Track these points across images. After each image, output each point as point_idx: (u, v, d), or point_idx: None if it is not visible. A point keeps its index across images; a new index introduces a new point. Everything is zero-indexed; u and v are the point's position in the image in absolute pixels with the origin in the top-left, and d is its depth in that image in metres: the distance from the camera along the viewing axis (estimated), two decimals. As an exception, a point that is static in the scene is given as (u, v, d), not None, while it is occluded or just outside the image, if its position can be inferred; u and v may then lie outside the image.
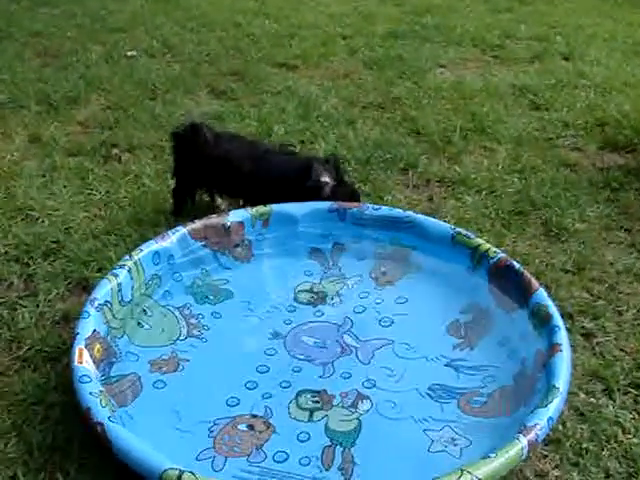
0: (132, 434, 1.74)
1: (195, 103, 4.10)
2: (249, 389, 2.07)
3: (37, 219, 2.97)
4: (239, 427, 1.95)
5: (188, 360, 2.17)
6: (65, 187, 3.23)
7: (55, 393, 2.11)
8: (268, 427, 1.95)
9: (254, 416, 1.98)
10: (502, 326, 2.25)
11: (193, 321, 2.32)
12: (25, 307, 2.47)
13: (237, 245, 2.57)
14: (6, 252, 2.75)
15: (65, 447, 1.94)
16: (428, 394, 2.04)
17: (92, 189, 3.22)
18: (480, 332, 2.25)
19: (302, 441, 1.91)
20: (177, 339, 2.25)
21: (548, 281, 2.52)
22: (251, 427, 1.95)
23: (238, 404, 2.02)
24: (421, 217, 2.61)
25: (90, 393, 1.83)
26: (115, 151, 3.57)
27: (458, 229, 2.51)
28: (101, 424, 1.74)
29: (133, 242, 2.71)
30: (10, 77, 4.46)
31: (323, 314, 2.37)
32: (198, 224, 2.53)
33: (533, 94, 4.25)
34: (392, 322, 2.32)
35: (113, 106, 4.09)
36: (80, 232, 2.88)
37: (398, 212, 2.63)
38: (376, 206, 2.66)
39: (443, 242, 2.49)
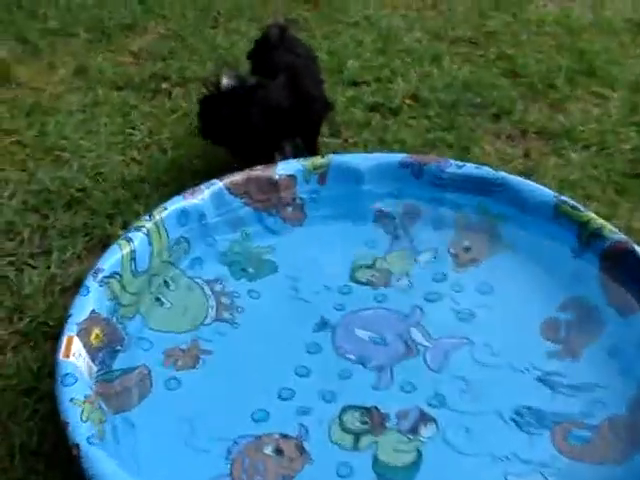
0: (113, 462, 1.33)
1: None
2: (282, 399, 1.63)
3: (66, 162, 2.58)
4: (265, 450, 1.51)
5: (211, 352, 1.74)
6: (105, 125, 2.83)
7: (49, 381, 1.71)
8: (301, 453, 1.50)
9: (285, 436, 1.54)
10: (615, 331, 1.72)
11: (225, 300, 1.87)
12: (35, 268, 2.10)
13: (287, 204, 2.10)
14: (25, 201, 2.39)
15: (50, 454, 1.57)
16: (514, 419, 1.55)
17: (134, 128, 2.80)
18: (585, 337, 1.73)
19: (342, 477, 1.46)
20: (202, 323, 1.82)
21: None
22: (280, 451, 1.50)
23: (267, 419, 1.58)
24: (516, 179, 2.06)
25: (71, 399, 1.43)
26: (165, 85, 3.13)
27: (563, 197, 1.97)
28: (77, 446, 1.33)
29: (169, 192, 2.29)
30: (66, 2, 4.04)
31: (386, 299, 1.88)
32: (238, 177, 2.07)
33: (655, 31, 3.60)
34: (473, 316, 1.82)
35: (171, 35, 3.65)
36: (111, 179, 2.49)
37: (487, 171, 2.09)
38: (460, 163, 2.13)
39: (543, 213, 1.95)
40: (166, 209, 1.93)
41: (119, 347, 1.70)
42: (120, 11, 3.89)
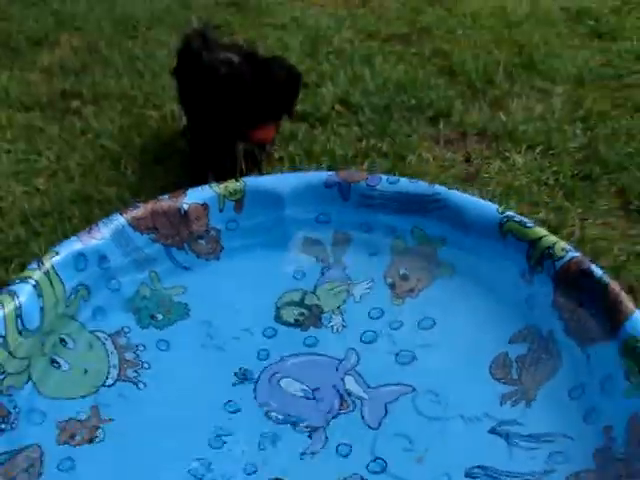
0: None
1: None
2: (193, 476, 1.38)
3: (-40, 196, 2.32)
4: None
5: (111, 420, 1.49)
6: (7, 152, 2.56)
7: None
8: None
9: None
10: (574, 367, 1.50)
11: (129, 355, 1.63)
12: None
13: (199, 237, 1.85)
14: None
15: None
16: (466, 486, 1.33)
17: (39, 154, 2.54)
18: (541, 375, 1.51)
19: None
20: (103, 384, 1.57)
21: (633, 282, 1.79)
22: None
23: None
24: (456, 194, 1.80)
25: None
26: (76, 103, 2.87)
27: (509, 213, 1.73)
28: None
29: (73, 228, 2.06)
30: (-29, 17, 3.76)
31: (317, 342, 1.64)
32: (142, 210, 1.80)
33: (593, 20, 3.41)
34: (413, 358, 1.59)
35: (84, 48, 3.37)
36: (13, 213, 2.23)
37: (423, 186, 1.84)
38: (392, 178, 1.88)
39: (487, 232, 1.72)
40: (58, 254, 1.66)
41: (3, 425, 1.44)
42: (29, 24, 3.63)
